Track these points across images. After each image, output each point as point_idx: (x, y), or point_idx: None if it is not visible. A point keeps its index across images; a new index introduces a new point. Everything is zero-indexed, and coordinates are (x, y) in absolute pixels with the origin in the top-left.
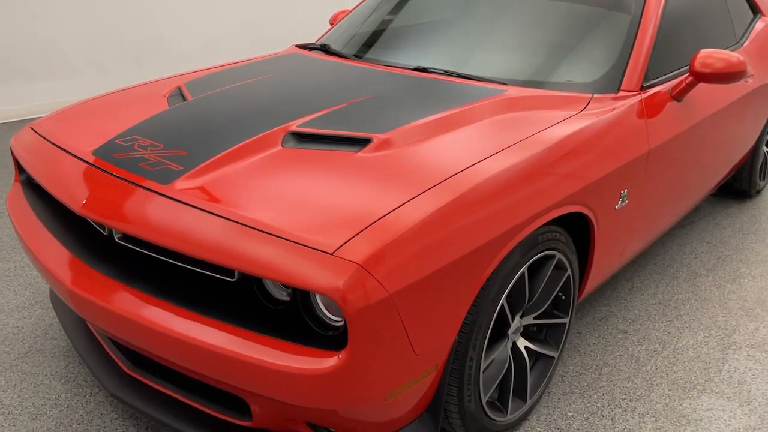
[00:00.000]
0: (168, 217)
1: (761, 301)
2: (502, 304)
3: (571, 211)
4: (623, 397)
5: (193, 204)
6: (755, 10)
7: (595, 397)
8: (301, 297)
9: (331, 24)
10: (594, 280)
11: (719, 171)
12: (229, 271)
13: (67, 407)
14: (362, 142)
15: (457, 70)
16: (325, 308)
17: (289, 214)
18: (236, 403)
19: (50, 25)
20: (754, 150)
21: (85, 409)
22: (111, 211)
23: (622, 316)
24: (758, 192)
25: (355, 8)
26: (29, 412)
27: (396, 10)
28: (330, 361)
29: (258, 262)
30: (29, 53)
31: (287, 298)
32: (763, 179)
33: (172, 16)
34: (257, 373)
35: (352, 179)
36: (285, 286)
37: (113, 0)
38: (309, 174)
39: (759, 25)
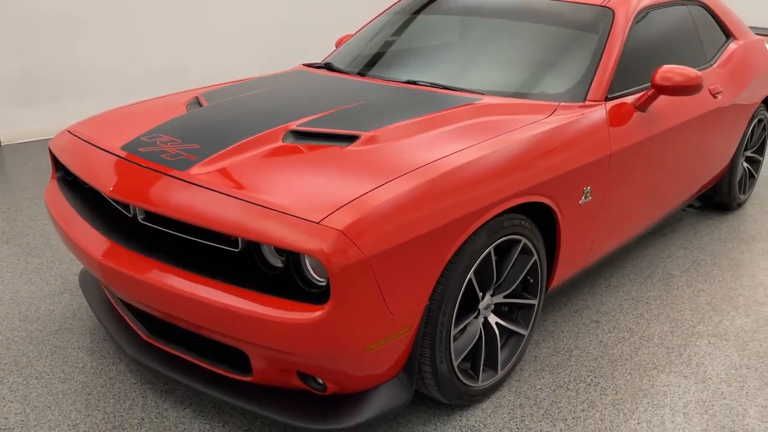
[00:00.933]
0: (184, 197)
1: (728, 298)
2: (471, 279)
3: (533, 200)
4: (588, 374)
5: (205, 186)
6: (727, 34)
7: (563, 374)
8: (293, 261)
9: (336, 46)
10: (564, 270)
11: (692, 180)
12: (233, 243)
13: (93, 374)
14: (351, 138)
15: (442, 83)
16: (312, 270)
17: (285, 193)
18: (239, 363)
19: (82, 53)
20: (732, 164)
21: (108, 376)
22: (136, 193)
23: (596, 309)
24: (739, 205)
25: (357, 32)
26: (59, 377)
27: (393, 34)
28: (316, 313)
29: (259, 231)
30: (62, 78)
31: (281, 265)
32: (744, 193)
33: (194, 46)
34: (257, 324)
35: (340, 167)
36: (280, 252)
37: (140, 31)
38: (304, 163)
39: (731, 47)
